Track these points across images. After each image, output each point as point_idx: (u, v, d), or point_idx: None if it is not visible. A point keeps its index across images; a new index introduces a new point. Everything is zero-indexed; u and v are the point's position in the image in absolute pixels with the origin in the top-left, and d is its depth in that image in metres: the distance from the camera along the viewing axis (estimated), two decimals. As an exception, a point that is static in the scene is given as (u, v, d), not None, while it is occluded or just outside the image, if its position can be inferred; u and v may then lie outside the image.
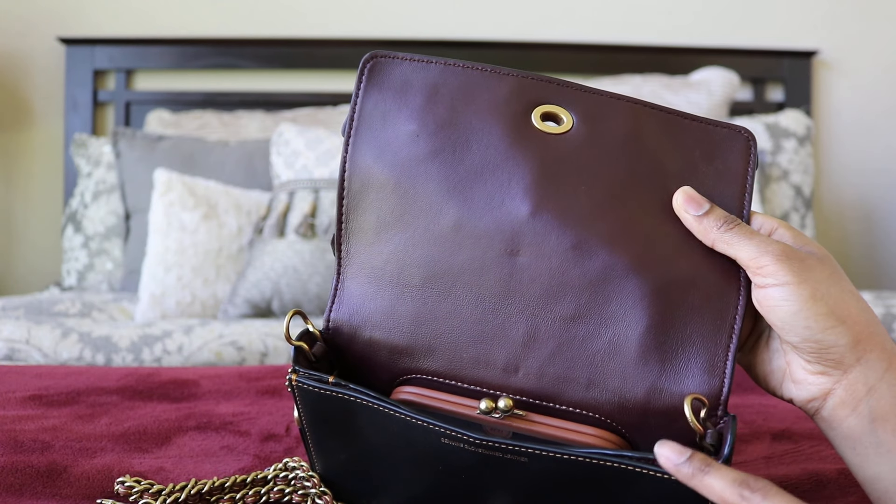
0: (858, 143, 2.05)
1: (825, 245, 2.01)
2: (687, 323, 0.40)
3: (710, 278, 0.41)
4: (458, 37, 1.99)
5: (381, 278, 0.43)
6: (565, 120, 0.43)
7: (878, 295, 1.38)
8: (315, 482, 0.47)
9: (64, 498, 0.48)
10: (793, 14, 2.02)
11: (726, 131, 0.43)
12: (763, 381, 0.43)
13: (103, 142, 1.80)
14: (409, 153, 0.43)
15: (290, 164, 1.54)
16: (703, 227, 0.40)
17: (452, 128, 0.43)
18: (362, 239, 0.44)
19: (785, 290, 0.38)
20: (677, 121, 0.43)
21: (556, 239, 0.41)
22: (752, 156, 0.43)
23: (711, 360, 0.40)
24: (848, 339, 0.38)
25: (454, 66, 0.44)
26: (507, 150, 0.42)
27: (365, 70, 0.44)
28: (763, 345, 0.43)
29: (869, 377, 0.38)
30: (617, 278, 0.40)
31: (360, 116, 0.44)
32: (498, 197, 0.41)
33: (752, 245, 0.39)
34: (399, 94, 0.44)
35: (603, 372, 0.40)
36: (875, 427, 0.38)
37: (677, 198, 0.41)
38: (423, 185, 0.42)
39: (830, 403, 0.39)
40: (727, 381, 0.39)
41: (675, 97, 1.75)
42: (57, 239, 1.98)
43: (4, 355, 1.08)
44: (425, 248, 0.42)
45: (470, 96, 0.43)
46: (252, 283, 1.39)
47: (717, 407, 0.39)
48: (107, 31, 1.99)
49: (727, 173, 0.43)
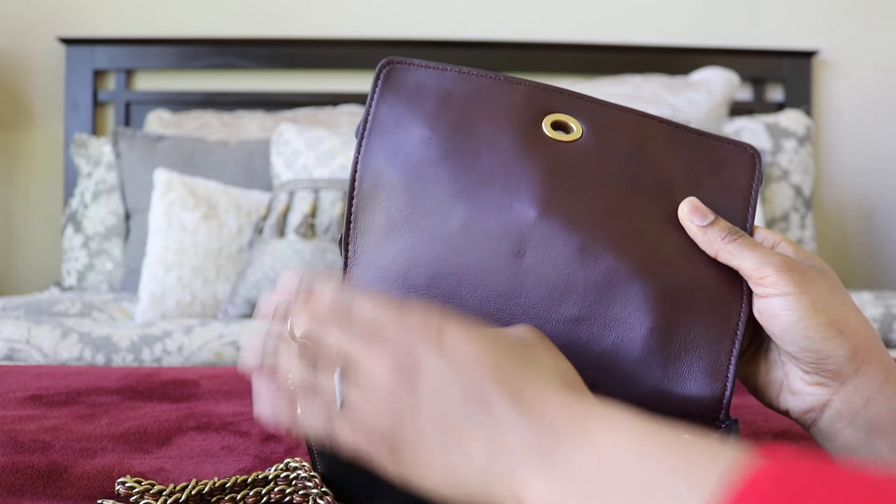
0: (858, 143, 2.05)
1: (825, 245, 2.01)
2: (690, 327, 0.40)
3: (714, 285, 0.41)
4: (458, 37, 1.99)
5: (386, 278, 0.43)
6: (575, 129, 0.44)
7: (878, 295, 1.38)
8: (317, 482, 0.47)
9: (64, 498, 0.48)
10: (793, 14, 2.02)
11: (732, 147, 0.44)
12: (760, 392, 0.44)
13: (103, 142, 1.80)
14: (421, 156, 0.43)
15: (290, 164, 1.54)
16: (707, 237, 0.41)
17: (464, 133, 0.43)
18: (370, 238, 0.44)
19: (786, 300, 0.38)
20: (684, 135, 0.44)
21: (563, 241, 0.41)
22: (756, 171, 0.44)
23: (714, 365, 0.40)
24: (846, 349, 0.38)
25: (468, 73, 0.45)
26: (517, 156, 0.42)
27: (381, 75, 0.45)
28: (761, 356, 0.44)
29: (866, 389, 0.39)
30: (622, 281, 0.40)
31: (374, 120, 0.45)
32: (506, 200, 0.42)
33: (754, 256, 0.40)
34: (413, 100, 0.44)
35: (606, 374, 0.40)
36: (872, 439, 0.38)
37: (683, 208, 0.42)
38: (433, 187, 0.43)
39: (827, 415, 0.40)
40: (729, 384, 0.40)
41: (675, 97, 1.75)
42: (57, 239, 1.97)
43: (4, 355, 1.08)
44: (432, 249, 0.42)
45: (482, 103, 0.44)
46: (252, 283, 1.40)
47: (719, 410, 0.40)
48: (107, 31, 1.99)
49: (732, 187, 0.43)
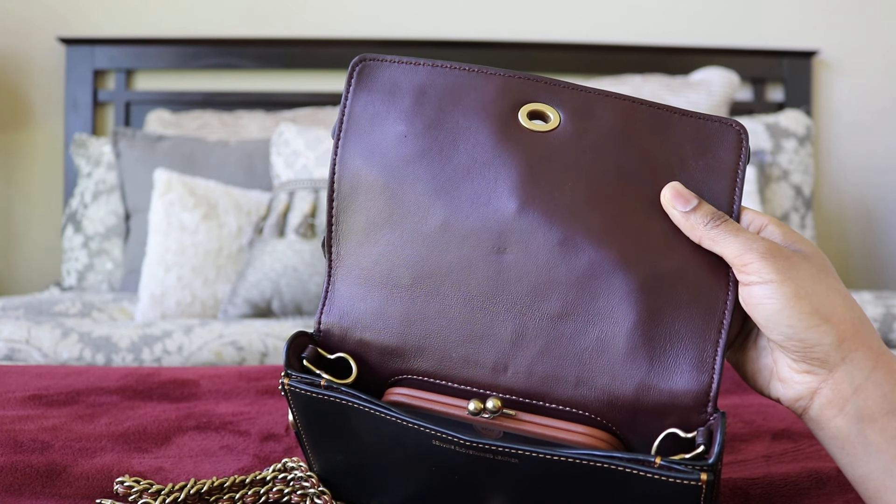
0: (858, 143, 2.05)
1: (825, 245, 2.01)
2: (675, 318, 0.40)
3: (699, 274, 0.40)
4: (457, 37, 1.99)
5: (370, 279, 0.43)
6: (552, 118, 0.43)
7: (878, 295, 1.37)
8: (314, 482, 0.47)
9: (63, 498, 0.48)
10: (793, 14, 2.02)
11: (717, 125, 0.43)
12: (751, 379, 0.43)
13: (103, 142, 1.80)
14: (398, 154, 0.43)
15: (290, 164, 1.54)
16: (690, 223, 0.40)
17: (440, 128, 0.43)
18: (352, 240, 0.44)
19: (768, 287, 0.38)
20: (667, 116, 0.43)
21: (543, 236, 0.40)
22: (743, 149, 0.42)
23: (700, 356, 0.39)
24: (832, 337, 0.38)
25: (442, 67, 0.44)
26: (493, 149, 0.42)
27: (354, 73, 0.45)
28: (751, 343, 0.43)
29: (855, 376, 0.38)
30: (604, 274, 0.40)
31: (349, 119, 0.44)
32: (485, 195, 0.41)
33: (737, 242, 0.39)
34: (388, 97, 0.44)
35: (591, 369, 0.40)
36: (863, 427, 0.38)
37: (665, 193, 0.41)
38: (410, 186, 0.42)
39: (817, 403, 0.39)
40: (716, 376, 0.39)
41: (675, 97, 1.75)
42: (57, 239, 1.98)
43: (4, 355, 1.08)
44: (413, 249, 0.42)
45: (457, 97, 0.43)
46: (252, 283, 1.40)
47: (706, 403, 0.39)
48: (107, 31, 1.99)
49: (718, 168, 0.42)
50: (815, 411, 0.39)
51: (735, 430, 0.63)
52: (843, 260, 2.04)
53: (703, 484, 0.34)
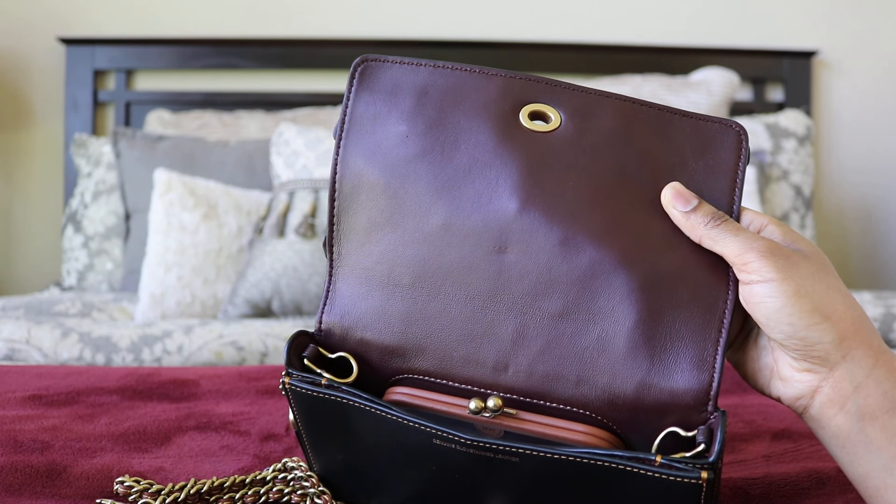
0: (858, 143, 2.05)
1: (825, 245, 2.01)
2: (676, 318, 0.40)
3: (699, 273, 0.40)
4: (458, 37, 1.99)
5: (371, 279, 0.43)
6: (553, 118, 0.43)
7: (878, 295, 1.38)
8: (314, 482, 0.47)
9: (63, 498, 0.48)
10: (793, 14, 2.02)
11: (717, 126, 0.43)
12: (752, 378, 0.43)
13: (103, 142, 1.80)
14: (399, 154, 0.43)
15: (290, 164, 1.54)
16: (690, 223, 0.40)
17: (441, 128, 0.43)
18: (353, 240, 0.44)
19: (769, 286, 0.38)
20: (667, 117, 0.43)
21: (544, 235, 0.41)
22: (743, 150, 0.42)
23: (701, 355, 0.39)
24: (833, 335, 0.38)
25: (443, 67, 0.44)
26: (494, 149, 0.42)
27: (356, 73, 0.45)
28: (751, 342, 0.43)
29: (855, 374, 0.38)
30: (604, 274, 0.40)
31: (350, 119, 0.44)
32: (486, 195, 0.42)
33: (737, 242, 0.39)
34: (389, 97, 0.44)
35: (592, 369, 0.40)
36: (863, 425, 0.38)
37: (665, 193, 0.41)
38: (412, 186, 0.43)
39: (818, 402, 0.39)
40: (716, 375, 0.39)
41: (675, 97, 1.75)
42: (57, 239, 1.98)
43: (4, 355, 1.08)
44: (415, 248, 0.42)
45: (459, 97, 0.44)
46: (252, 283, 1.40)
47: (706, 402, 0.39)
48: (107, 31, 1.99)
49: (717, 168, 0.42)
50: (816, 410, 0.39)
51: (735, 430, 0.63)
52: (843, 260, 2.04)
53: (704, 482, 0.34)
